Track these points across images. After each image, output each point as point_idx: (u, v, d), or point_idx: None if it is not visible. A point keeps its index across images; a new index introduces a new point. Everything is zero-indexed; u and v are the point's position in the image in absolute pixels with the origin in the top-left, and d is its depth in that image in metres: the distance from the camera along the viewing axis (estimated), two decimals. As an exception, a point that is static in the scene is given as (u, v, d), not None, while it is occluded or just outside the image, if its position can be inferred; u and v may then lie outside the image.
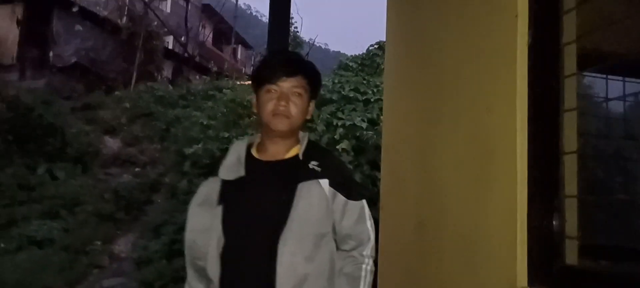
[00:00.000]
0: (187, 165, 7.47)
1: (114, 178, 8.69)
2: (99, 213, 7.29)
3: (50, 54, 12.77)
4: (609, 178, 1.36)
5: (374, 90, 6.43)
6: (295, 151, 1.30)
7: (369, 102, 6.27)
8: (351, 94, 6.35)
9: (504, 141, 1.31)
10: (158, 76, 14.50)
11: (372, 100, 6.26)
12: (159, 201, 7.86)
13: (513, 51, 1.29)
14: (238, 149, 1.34)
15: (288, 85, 1.27)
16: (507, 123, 1.29)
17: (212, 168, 1.37)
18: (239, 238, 1.23)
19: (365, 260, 1.28)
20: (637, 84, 1.48)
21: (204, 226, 1.27)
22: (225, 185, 1.28)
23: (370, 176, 5.08)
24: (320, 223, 1.23)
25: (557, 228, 1.18)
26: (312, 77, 1.33)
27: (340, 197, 1.26)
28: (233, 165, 1.29)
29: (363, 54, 8.27)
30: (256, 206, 1.24)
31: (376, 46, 8.01)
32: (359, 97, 6.34)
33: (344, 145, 5.48)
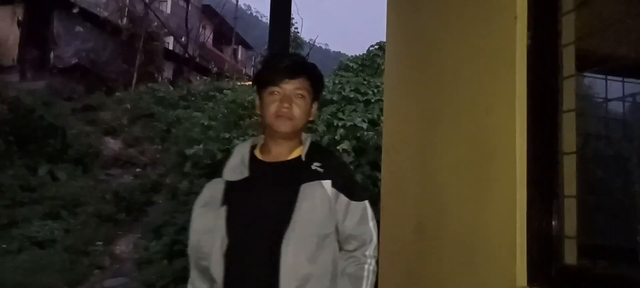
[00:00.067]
0: (187, 166, 7.48)
1: (114, 179, 8.70)
2: (99, 214, 7.30)
3: (51, 55, 12.79)
4: (608, 179, 1.36)
5: (375, 90, 6.43)
6: (298, 152, 1.31)
7: (369, 103, 6.27)
8: (352, 95, 6.35)
9: (503, 142, 1.31)
10: (158, 77, 14.51)
11: (372, 100, 6.26)
12: (159, 202, 7.87)
13: (512, 52, 1.30)
14: (242, 151, 1.35)
15: (291, 87, 1.28)
16: (507, 124, 1.30)
17: (213, 169, 1.38)
18: (243, 239, 1.24)
19: (367, 260, 1.29)
20: (636, 84, 1.49)
21: (207, 227, 1.28)
22: (229, 186, 1.30)
23: (370, 177, 5.08)
24: (323, 224, 1.24)
25: (556, 229, 1.19)
26: (314, 79, 1.34)
27: (343, 197, 1.27)
28: (237, 167, 1.30)
29: (363, 54, 8.27)
30: (259, 207, 1.25)
31: (376, 46, 8.01)
32: (359, 97, 6.34)
33: (344, 145, 5.48)
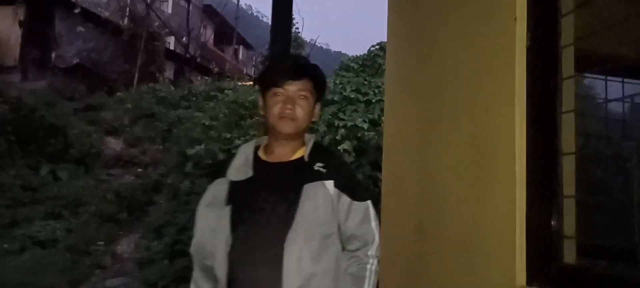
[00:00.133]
0: (189, 165, 7.49)
1: (116, 179, 8.72)
2: (101, 214, 7.32)
3: (52, 55, 12.82)
4: (607, 179, 1.37)
5: (375, 91, 6.43)
6: (301, 153, 1.33)
7: (370, 103, 6.28)
8: (352, 95, 6.36)
9: (503, 142, 1.32)
10: (160, 77, 14.53)
11: (373, 101, 6.27)
12: (161, 202, 7.88)
13: (512, 53, 1.30)
14: (246, 151, 1.36)
15: (294, 89, 1.30)
16: (506, 124, 1.31)
17: (215, 169, 1.40)
18: (246, 239, 1.25)
19: (369, 260, 1.30)
20: (635, 85, 1.49)
21: (212, 226, 1.29)
22: (233, 186, 1.31)
23: (371, 177, 5.09)
24: (326, 224, 1.25)
25: (555, 228, 1.19)
26: (317, 80, 1.35)
27: (345, 197, 1.28)
28: (241, 167, 1.32)
29: (364, 54, 8.28)
30: (263, 207, 1.27)
31: (377, 46, 8.01)
32: (360, 97, 6.34)
33: (345, 145, 5.49)
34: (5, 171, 7.67)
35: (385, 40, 2.40)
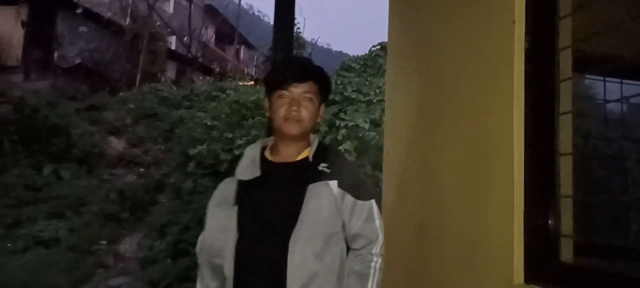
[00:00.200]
0: (191, 165, 7.52)
1: (118, 178, 8.75)
2: (104, 214, 7.35)
3: (55, 55, 12.86)
4: (604, 179, 1.39)
5: (376, 91, 6.46)
6: (306, 153, 1.35)
7: (371, 103, 6.31)
8: (354, 95, 6.39)
9: (501, 143, 1.34)
10: (162, 77, 14.56)
11: (374, 101, 6.29)
12: (163, 201, 7.91)
13: (511, 55, 1.32)
14: (253, 151, 1.39)
15: (299, 91, 1.32)
16: (505, 125, 1.33)
17: (226, 170, 1.42)
18: (252, 237, 1.28)
19: (374, 258, 1.32)
20: (632, 86, 1.51)
21: (221, 225, 1.32)
22: (241, 185, 1.34)
23: (372, 177, 5.11)
24: (330, 223, 1.28)
25: (552, 227, 1.22)
26: (322, 82, 1.38)
27: (349, 197, 1.30)
28: (248, 166, 1.35)
29: (365, 54, 8.30)
30: (269, 206, 1.30)
31: (378, 47, 8.04)
32: (361, 98, 6.37)
33: (346, 145, 5.52)
34: (8, 171, 7.71)
35: (386, 41, 2.42)
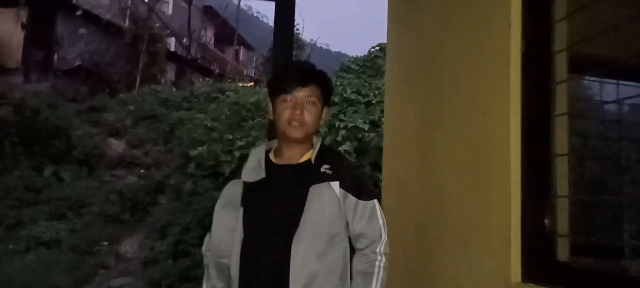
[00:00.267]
0: (191, 167, 7.54)
1: (119, 180, 8.77)
2: (104, 215, 7.37)
3: (55, 56, 12.88)
4: (599, 180, 1.42)
5: (376, 92, 6.48)
6: (309, 155, 1.38)
7: (370, 104, 6.32)
8: (353, 96, 6.40)
9: (499, 144, 1.37)
10: (161, 78, 14.57)
11: (373, 102, 6.31)
12: (163, 202, 7.93)
13: (507, 58, 1.35)
14: (258, 154, 1.42)
15: (302, 95, 1.35)
16: (502, 127, 1.35)
17: (232, 172, 1.45)
18: (257, 238, 1.31)
19: (377, 257, 1.34)
20: (627, 88, 1.54)
21: (228, 226, 1.35)
22: (246, 187, 1.37)
23: (372, 177, 5.13)
24: (332, 224, 1.30)
25: (549, 227, 1.24)
26: (325, 86, 1.41)
27: (351, 197, 1.33)
28: (254, 169, 1.38)
29: (364, 55, 8.32)
30: (271, 208, 1.33)
31: (377, 48, 8.06)
32: (360, 99, 6.39)
33: (346, 146, 5.54)
34: (9, 172, 7.73)
35: (385, 42, 2.44)
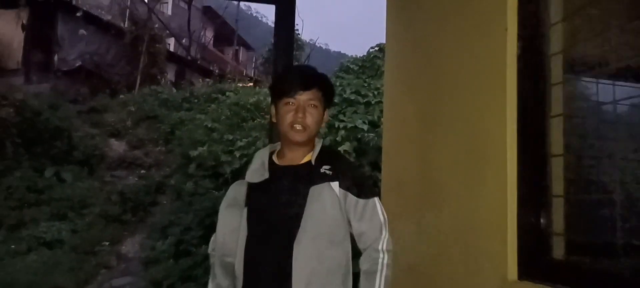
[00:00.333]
0: (192, 167, 7.57)
1: (120, 180, 8.80)
2: (106, 215, 7.40)
3: (55, 57, 12.90)
4: (594, 179, 1.45)
5: (375, 92, 6.49)
6: (309, 157, 1.40)
7: (369, 105, 6.33)
8: (352, 97, 6.41)
9: (495, 144, 1.40)
10: (161, 79, 14.60)
11: (372, 102, 6.32)
12: (164, 203, 7.96)
13: (503, 61, 1.38)
14: (262, 155, 1.46)
15: (304, 98, 1.38)
16: (499, 127, 1.38)
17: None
18: (258, 239, 1.34)
19: (380, 254, 1.35)
20: (622, 89, 1.56)
21: (232, 226, 1.38)
22: (250, 187, 1.40)
23: (371, 177, 5.16)
24: (333, 224, 1.33)
25: (545, 226, 1.27)
26: (326, 89, 1.44)
27: (351, 197, 1.35)
28: (258, 170, 1.41)
29: (363, 56, 8.33)
30: (274, 208, 1.35)
31: (376, 48, 8.07)
32: (360, 99, 6.40)
33: (345, 147, 5.56)
34: (11, 173, 7.75)
35: (384, 42, 2.47)
